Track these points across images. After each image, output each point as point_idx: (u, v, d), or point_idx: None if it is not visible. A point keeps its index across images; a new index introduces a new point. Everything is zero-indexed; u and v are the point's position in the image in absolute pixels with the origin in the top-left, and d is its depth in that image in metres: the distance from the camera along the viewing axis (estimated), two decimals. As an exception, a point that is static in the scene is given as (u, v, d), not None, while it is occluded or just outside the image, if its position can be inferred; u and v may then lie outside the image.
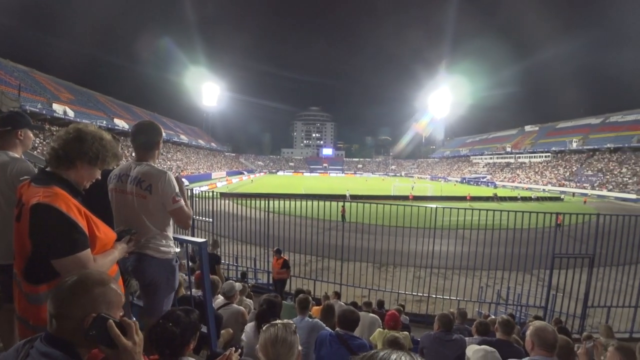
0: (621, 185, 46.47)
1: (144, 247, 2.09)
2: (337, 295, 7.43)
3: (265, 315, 2.82)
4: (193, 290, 3.06)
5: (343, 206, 10.65)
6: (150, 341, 1.56)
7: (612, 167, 52.69)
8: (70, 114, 41.58)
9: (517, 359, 2.22)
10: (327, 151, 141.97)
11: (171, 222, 2.23)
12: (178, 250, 2.40)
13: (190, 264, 3.75)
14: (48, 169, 1.58)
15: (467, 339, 3.29)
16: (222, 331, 2.99)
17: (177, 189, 2.13)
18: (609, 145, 56.71)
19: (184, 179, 2.76)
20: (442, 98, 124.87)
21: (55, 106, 39.91)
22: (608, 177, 50.74)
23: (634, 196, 42.01)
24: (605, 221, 6.86)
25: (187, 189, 8.35)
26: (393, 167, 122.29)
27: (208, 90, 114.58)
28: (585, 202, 37.45)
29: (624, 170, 50.18)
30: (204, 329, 2.31)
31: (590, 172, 54.92)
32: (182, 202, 2.13)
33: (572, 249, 7.33)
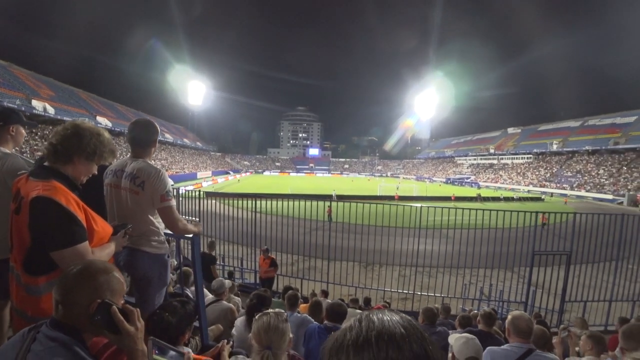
0: (598, 186, 48.00)
1: (137, 242, 2.12)
2: (325, 293, 7.52)
3: (255, 309, 2.87)
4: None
5: (329, 206, 10.74)
6: (147, 330, 1.60)
7: (590, 169, 54.39)
8: (51, 110, 40.41)
9: (494, 346, 2.35)
10: (314, 151, 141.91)
11: None
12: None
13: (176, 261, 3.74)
14: (46, 163, 1.60)
15: (450, 331, 3.41)
16: (212, 327, 3.02)
17: (169, 188, 2.16)
18: (587, 148, 58.54)
19: (169, 179, 2.79)
20: (428, 100, 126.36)
21: (34, 102, 38.66)
22: (586, 178, 52.34)
23: (610, 196, 43.41)
24: (582, 220, 7.16)
25: (173, 189, 8.34)
26: (379, 167, 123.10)
27: (194, 88, 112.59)
28: (566, 202, 38.53)
29: (601, 171, 51.88)
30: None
31: (569, 174, 56.54)
32: (173, 202, 2.16)
33: (551, 246, 7.60)
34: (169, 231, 2.37)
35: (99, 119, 51.72)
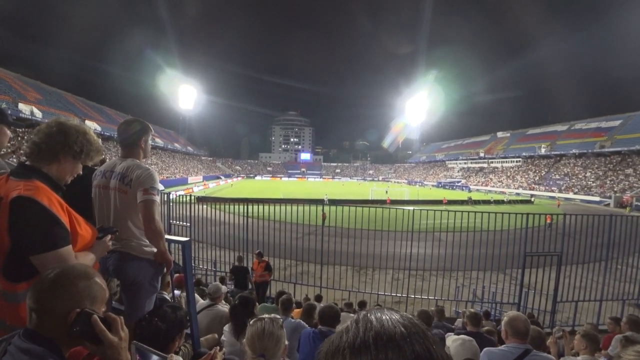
0: (586, 188, 48.80)
1: (127, 245, 2.04)
2: (319, 298, 7.45)
3: (237, 311, 2.79)
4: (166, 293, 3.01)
5: (323, 211, 10.68)
6: (135, 335, 1.52)
7: (577, 172, 55.30)
8: (38, 114, 39.72)
9: (491, 347, 2.33)
10: (305, 156, 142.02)
11: None
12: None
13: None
14: (27, 162, 1.52)
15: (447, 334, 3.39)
16: (208, 336, 2.94)
17: (156, 186, 2.07)
18: (574, 151, 59.55)
19: (159, 184, 2.72)
20: (419, 105, 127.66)
21: (21, 106, 38.02)
22: (574, 180, 53.20)
23: (597, 198, 44.14)
24: (572, 221, 7.25)
25: (163, 194, 8.22)
26: (371, 171, 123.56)
27: (185, 93, 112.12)
28: (559, 205, 38.89)
29: (588, 174, 52.80)
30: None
31: (557, 176, 57.40)
32: (156, 197, 2.02)
33: (542, 248, 7.66)
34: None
35: (88, 122, 50.80)
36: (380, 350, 0.44)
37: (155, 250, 2.14)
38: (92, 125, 49.83)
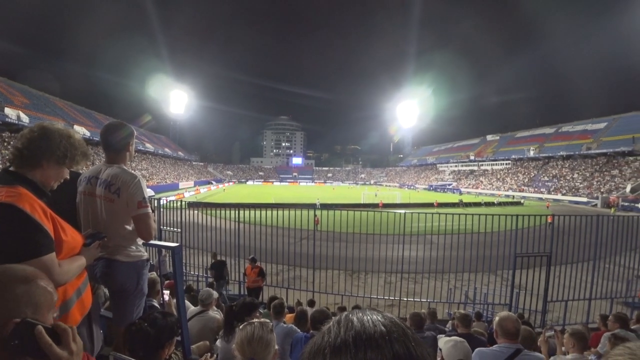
0: (573, 190, 49.63)
1: (114, 252, 2.02)
2: (312, 303, 7.43)
3: (234, 316, 2.75)
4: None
5: (315, 216, 10.66)
6: (124, 340, 1.50)
7: (565, 173, 56.25)
8: (25, 119, 38.93)
9: (482, 347, 2.35)
10: (297, 160, 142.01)
11: None
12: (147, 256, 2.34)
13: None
14: (11, 168, 1.49)
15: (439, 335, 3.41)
16: (199, 343, 2.91)
17: (147, 196, 2.07)
18: (562, 153, 60.67)
19: (149, 189, 2.70)
20: (409, 109, 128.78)
21: (7, 110, 37.16)
22: (562, 182, 54.08)
23: (584, 199, 44.93)
24: (560, 222, 7.37)
25: (153, 199, 8.13)
26: (362, 175, 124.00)
27: (176, 97, 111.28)
28: (548, 206, 39.47)
29: (575, 175, 53.74)
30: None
31: (546, 178, 58.29)
32: (149, 210, 2.07)
33: (532, 248, 7.76)
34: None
35: (77, 127, 49.88)
36: (360, 350, 0.45)
37: (143, 256, 2.14)
38: (80, 131, 49.06)
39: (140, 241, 2.17)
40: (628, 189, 41.85)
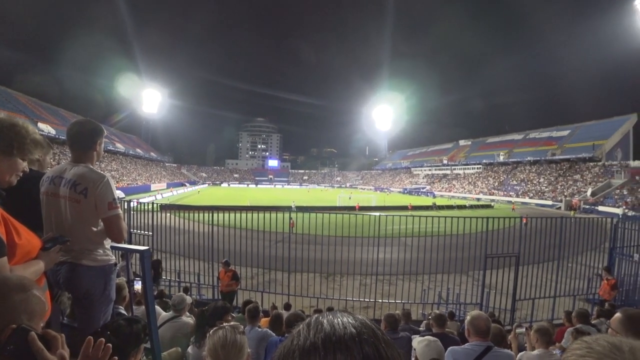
0: (540, 193, 52.00)
1: (79, 256, 1.91)
2: (287, 306, 7.37)
3: (204, 321, 2.69)
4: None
5: (291, 218, 10.58)
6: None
7: (532, 178, 58.86)
8: (-17, 117, 36.66)
9: (455, 346, 2.41)
10: (273, 163, 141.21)
11: None
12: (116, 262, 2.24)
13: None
14: None
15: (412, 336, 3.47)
16: (171, 350, 2.81)
17: (116, 196, 1.98)
18: (529, 159, 63.70)
19: (118, 191, 2.60)
20: (385, 113, 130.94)
21: (-41, 106, 34.95)
22: (529, 186, 56.55)
23: (550, 202, 47.26)
24: (528, 224, 7.70)
25: (124, 202, 7.84)
26: (338, 178, 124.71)
27: (148, 96, 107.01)
28: (513, 209, 41.12)
29: (541, 180, 56.36)
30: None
31: (515, 182, 60.75)
32: (120, 211, 1.98)
33: (501, 249, 8.05)
34: (116, 244, 2.18)
35: (41, 125, 47.29)
36: (329, 352, 0.44)
37: (111, 260, 2.04)
38: (45, 129, 46.75)
39: (108, 244, 2.07)
40: (589, 192, 44.37)
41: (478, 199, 57.44)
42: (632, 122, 55.88)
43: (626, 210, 29.48)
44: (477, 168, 75.67)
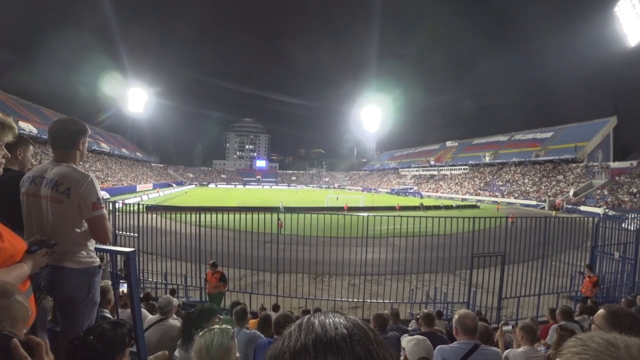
0: (525, 194, 53.09)
1: (60, 258, 1.85)
2: (276, 307, 7.34)
3: (191, 323, 2.65)
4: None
5: (279, 219, 10.51)
6: (67, 357, 1.34)
7: (517, 178, 60.05)
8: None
9: (443, 345, 2.44)
10: (261, 163, 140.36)
11: None
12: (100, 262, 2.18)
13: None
14: None
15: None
16: (158, 354, 2.76)
17: (100, 196, 1.93)
18: (514, 160, 64.96)
19: (104, 192, 2.54)
20: (373, 114, 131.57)
21: None
22: (514, 186, 57.70)
23: (534, 202, 48.32)
24: (513, 223, 7.84)
25: (109, 202, 7.68)
26: (326, 179, 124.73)
27: (134, 95, 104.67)
28: (498, 209, 41.87)
29: (526, 180, 57.56)
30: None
31: (500, 183, 61.87)
32: (104, 211, 1.93)
33: (488, 249, 8.19)
34: (100, 246, 2.13)
35: (22, 124, 45.64)
36: (320, 353, 0.44)
37: (95, 262, 1.99)
38: (26, 127, 45.45)
39: (92, 246, 2.02)
40: (571, 192, 45.50)
41: (464, 200, 58.26)
42: (612, 125, 57.56)
43: (607, 210, 30.34)
44: (464, 169, 76.74)
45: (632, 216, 10.43)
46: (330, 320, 0.50)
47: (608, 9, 53.16)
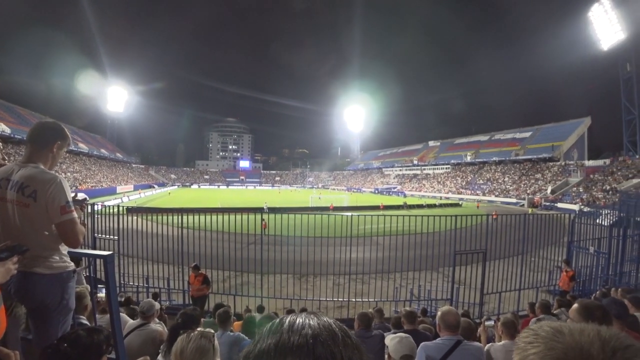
0: (505, 192, 54.45)
1: (30, 264, 1.77)
2: (261, 309, 7.28)
3: (180, 329, 2.60)
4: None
5: (263, 220, 10.41)
6: None
7: (497, 177, 61.56)
8: None
9: (427, 342, 2.48)
10: (244, 164, 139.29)
11: None
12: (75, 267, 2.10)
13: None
14: None
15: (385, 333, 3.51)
16: (139, 359, 2.69)
17: (70, 198, 1.83)
18: (494, 159, 66.73)
19: (82, 193, 2.44)
20: (357, 114, 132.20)
21: None
22: (495, 185, 59.12)
23: (514, 200, 49.67)
24: (493, 221, 8.02)
25: (87, 204, 7.46)
26: (310, 179, 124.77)
27: (114, 94, 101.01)
28: (478, 206, 42.83)
29: (506, 179, 59.07)
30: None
31: (481, 181, 63.29)
32: (74, 214, 1.84)
33: (469, 246, 8.34)
34: (75, 250, 2.06)
35: (-6, 124, 44.33)
36: (280, 355, 0.45)
37: (68, 266, 1.92)
38: (-1, 127, 43.70)
39: (65, 250, 1.94)
40: (549, 190, 46.93)
41: (447, 198, 59.27)
42: (587, 125, 59.70)
43: (582, 207, 31.33)
44: (446, 168, 78.10)
45: (606, 212, 10.85)
46: (300, 321, 0.51)
47: (583, 14, 54.96)
